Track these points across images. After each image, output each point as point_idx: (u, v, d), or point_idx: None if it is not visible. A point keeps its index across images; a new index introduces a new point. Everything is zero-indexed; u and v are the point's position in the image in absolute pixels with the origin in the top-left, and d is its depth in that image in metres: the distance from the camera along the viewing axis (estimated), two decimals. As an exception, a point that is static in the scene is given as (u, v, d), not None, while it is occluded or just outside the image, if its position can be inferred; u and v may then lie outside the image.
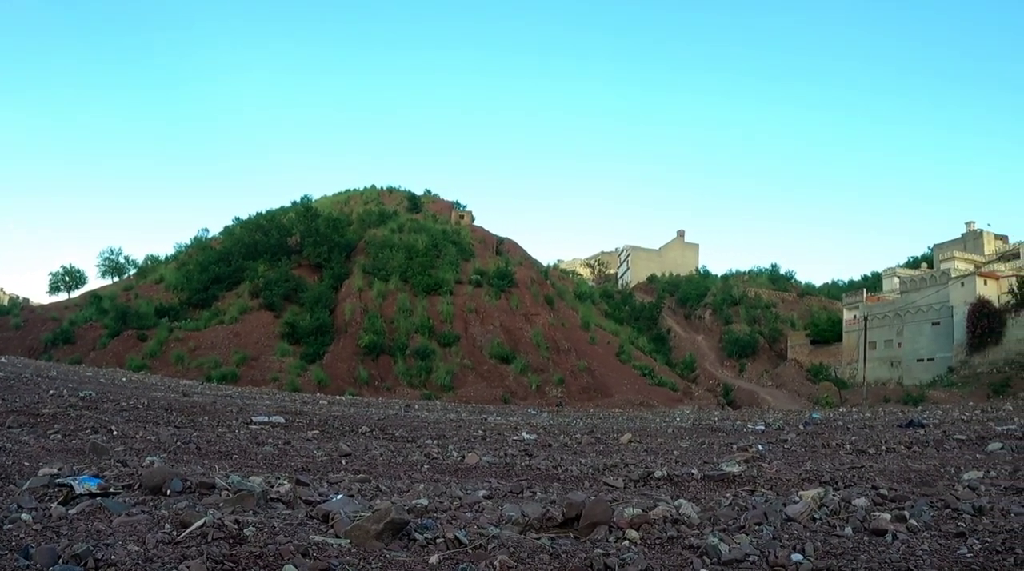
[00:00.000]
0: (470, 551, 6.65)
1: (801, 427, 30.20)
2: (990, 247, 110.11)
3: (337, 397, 58.34)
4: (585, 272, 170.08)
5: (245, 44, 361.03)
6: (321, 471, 13.20)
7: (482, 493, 10.63)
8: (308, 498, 9.04)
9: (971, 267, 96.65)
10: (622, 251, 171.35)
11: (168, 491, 8.61)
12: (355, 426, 25.00)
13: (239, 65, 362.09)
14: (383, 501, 8.76)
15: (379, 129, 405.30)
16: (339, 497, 9.00)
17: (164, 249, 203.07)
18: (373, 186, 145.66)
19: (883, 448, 19.06)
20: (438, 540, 6.91)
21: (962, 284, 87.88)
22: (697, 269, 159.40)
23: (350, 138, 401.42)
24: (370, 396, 68.08)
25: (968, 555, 7.05)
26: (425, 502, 9.11)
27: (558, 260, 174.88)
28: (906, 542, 7.58)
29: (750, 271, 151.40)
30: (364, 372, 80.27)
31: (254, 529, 6.65)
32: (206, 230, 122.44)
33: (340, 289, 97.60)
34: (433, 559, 6.27)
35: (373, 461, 15.53)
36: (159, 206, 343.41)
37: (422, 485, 11.63)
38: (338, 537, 6.70)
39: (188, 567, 5.44)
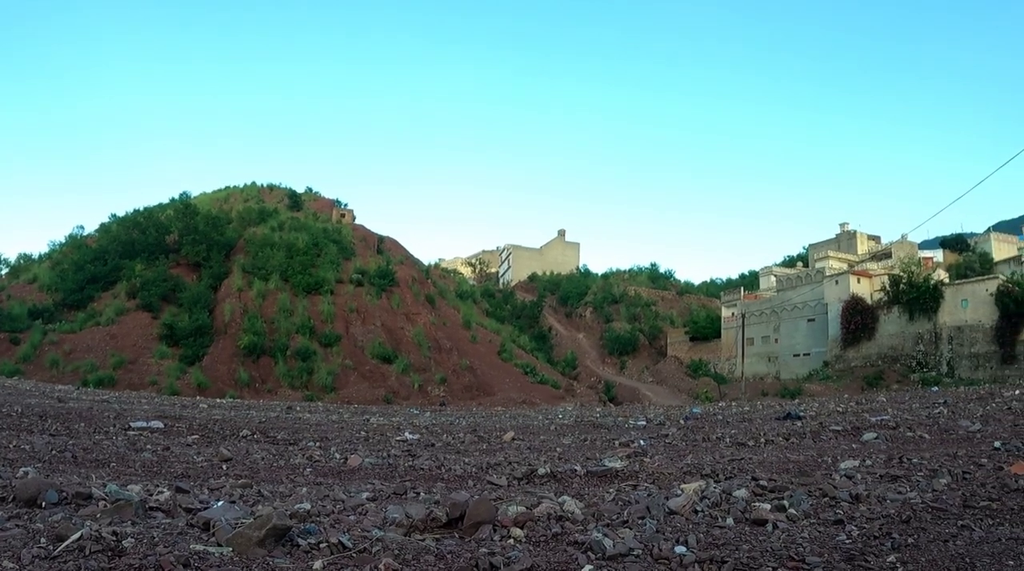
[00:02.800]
0: (354, 555, 6.57)
1: (682, 421, 30.69)
2: (863, 247, 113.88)
3: (217, 400, 57.38)
4: (466, 271, 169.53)
5: (119, 32, 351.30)
6: (201, 477, 12.97)
7: (365, 495, 10.57)
8: (188, 506, 8.83)
9: (845, 266, 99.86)
10: (503, 250, 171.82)
11: (43, 503, 8.34)
12: (236, 430, 24.64)
13: (114, 55, 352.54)
14: (265, 507, 8.65)
15: (260, 124, 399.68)
16: (220, 504, 8.82)
17: (38, 247, 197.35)
18: (253, 183, 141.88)
19: (762, 440, 19.47)
20: (322, 545, 6.80)
21: (836, 282, 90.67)
22: (578, 268, 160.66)
23: (231, 133, 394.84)
24: (251, 398, 67.16)
25: (847, 541, 7.23)
26: (308, 506, 9.00)
27: (439, 259, 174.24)
28: (786, 531, 7.75)
29: (630, 270, 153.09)
30: (244, 374, 78.78)
31: (133, 540, 6.46)
32: (81, 227, 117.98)
33: (219, 289, 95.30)
34: (317, 565, 6.19)
35: (255, 465, 15.31)
36: (32, 202, 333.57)
37: (305, 489, 11.52)
38: (220, 546, 6.54)
39: (65, 581, 5.28)
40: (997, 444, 14.81)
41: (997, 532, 7.53)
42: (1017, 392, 35.15)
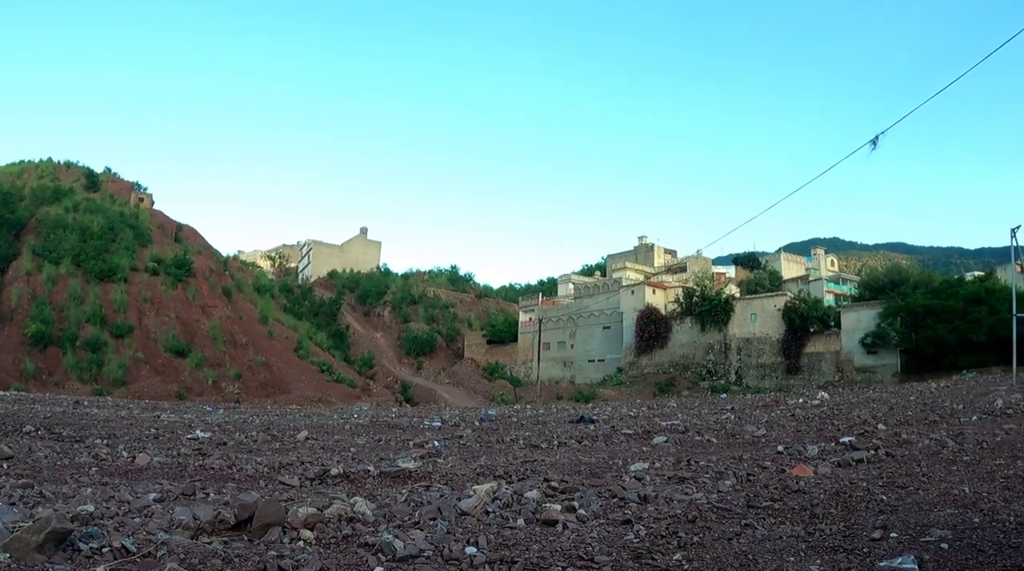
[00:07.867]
0: (138, 560, 6.30)
1: (477, 423, 30.88)
2: (660, 260, 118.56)
3: (0, 393, 54.87)
4: (265, 264, 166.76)
5: None
6: (-22, 477, 12.27)
7: (152, 496, 10.20)
8: (-37, 508, 8.33)
9: (641, 277, 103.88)
10: (304, 245, 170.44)
11: None
12: (19, 425, 23.55)
13: None
14: (45, 509, 8.22)
15: (59, 95, 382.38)
16: (-3, 505, 8.35)
17: None
18: (50, 159, 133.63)
19: (555, 443, 19.71)
20: (104, 550, 6.50)
21: (632, 292, 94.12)
22: (378, 267, 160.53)
23: (26, 103, 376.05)
24: (37, 391, 64.66)
25: (635, 540, 7.37)
26: (91, 508, 8.60)
27: (239, 251, 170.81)
28: (576, 531, 7.84)
29: (430, 271, 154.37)
30: (31, 364, 75.23)
31: (-102, 547, 6.05)
32: None
33: (7, 271, 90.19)
34: (99, 570, 5.90)
35: (37, 464, 14.61)
36: None
37: (89, 489, 11.07)
38: (-5, 551, 6.18)
39: None
40: (780, 448, 15.40)
41: (779, 530, 7.81)
42: (800, 400, 36.71)
